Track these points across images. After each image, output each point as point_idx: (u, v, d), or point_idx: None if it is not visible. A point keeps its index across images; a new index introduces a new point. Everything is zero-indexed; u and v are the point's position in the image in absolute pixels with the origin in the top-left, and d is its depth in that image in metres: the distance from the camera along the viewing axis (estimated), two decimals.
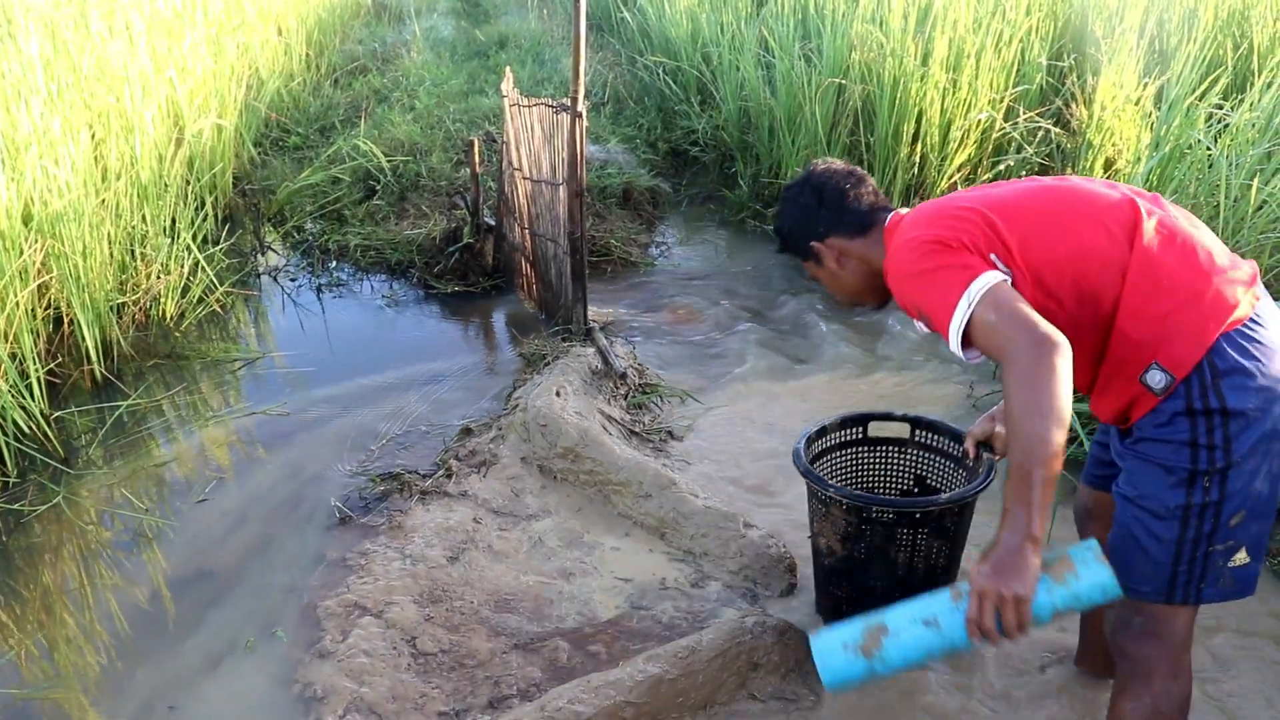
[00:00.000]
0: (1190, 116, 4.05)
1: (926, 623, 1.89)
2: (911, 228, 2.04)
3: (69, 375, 4.25)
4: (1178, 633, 1.95)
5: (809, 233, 2.30)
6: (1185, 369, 1.80)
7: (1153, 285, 1.82)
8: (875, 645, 1.91)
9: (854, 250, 2.26)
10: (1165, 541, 1.87)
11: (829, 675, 1.92)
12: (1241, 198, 3.56)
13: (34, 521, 3.40)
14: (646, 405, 4.11)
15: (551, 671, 2.69)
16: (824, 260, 2.31)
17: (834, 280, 2.35)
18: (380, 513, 3.39)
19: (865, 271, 2.28)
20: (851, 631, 1.94)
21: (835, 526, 2.66)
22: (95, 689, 2.69)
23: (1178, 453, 1.84)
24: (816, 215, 2.28)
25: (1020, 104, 5.52)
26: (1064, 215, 1.91)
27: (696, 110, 7.36)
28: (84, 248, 4.25)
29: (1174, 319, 1.81)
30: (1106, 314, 1.87)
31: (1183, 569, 1.88)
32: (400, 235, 5.79)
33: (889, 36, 5.51)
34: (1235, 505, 1.83)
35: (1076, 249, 1.87)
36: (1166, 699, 1.96)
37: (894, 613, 1.93)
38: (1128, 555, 1.93)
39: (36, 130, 4.33)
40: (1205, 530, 1.85)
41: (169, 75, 5.91)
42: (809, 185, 2.31)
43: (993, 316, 1.78)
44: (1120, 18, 5.62)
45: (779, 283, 5.47)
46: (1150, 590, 1.91)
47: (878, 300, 2.34)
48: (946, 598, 1.89)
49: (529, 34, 9.99)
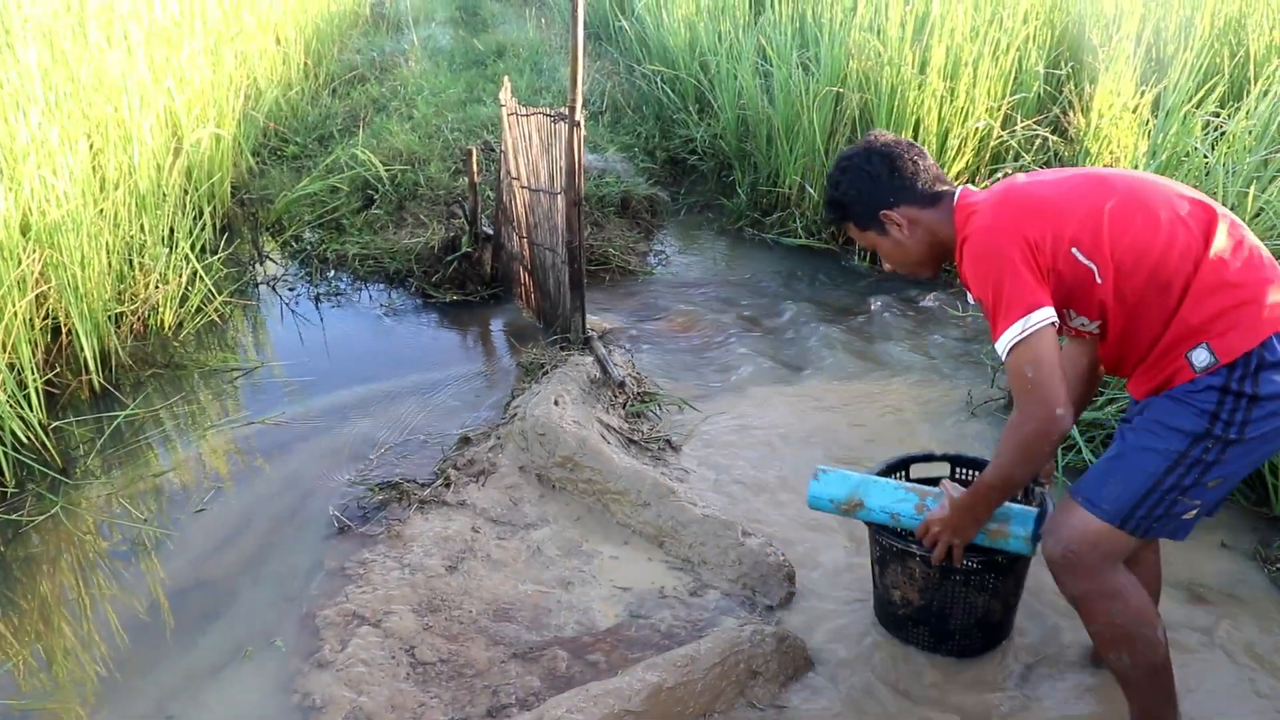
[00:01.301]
0: (1187, 124, 4.06)
1: (892, 515, 2.58)
2: (1002, 213, 2.15)
3: (67, 385, 4.25)
4: (1105, 560, 2.16)
5: (879, 201, 2.35)
6: (1233, 356, 1.99)
7: (1220, 280, 2.02)
8: (850, 510, 2.65)
9: (924, 220, 2.34)
10: (1147, 474, 2.09)
11: (811, 505, 2.71)
12: (1238, 205, 3.57)
13: (32, 531, 3.40)
14: (645, 414, 4.11)
15: (550, 680, 2.69)
16: (889, 229, 2.37)
17: (897, 248, 2.41)
18: (379, 522, 3.39)
19: (930, 242, 2.36)
20: (839, 493, 2.65)
21: (913, 580, 2.68)
22: (93, 700, 2.69)
23: (1198, 415, 2.03)
24: (889, 184, 2.33)
25: (1018, 112, 5.53)
26: (1157, 211, 2.07)
27: (694, 119, 7.37)
28: (82, 257, 4.25)
29: (1235, 312, 2.00)
30: (1174, 301, 2.05)
31: (1146, 505, 2.10)
32: (398, 244, 5.79)
33: (886, 45, 5.52)
34: (1220, 473, 2.06)
35: (1164, 243, 2.04)
36: (1122, 616, 2.18)
37: (872, 496, 2.61)
38: (1107, 474, 2.15)
39: (34, 140, 4.33)
40: (1186, 481, 2.06)
41: (167, 85, 5.91)
42: (878, 154, 2.35)
43: (1030, 372, 2.06)
44: (1117, 26, 5.64)
45: (777, 291, 5.47)
46: (1109, 510, 2.12)
47: (934, 271, 2.46)
48: (912, 507, 2.55)
49: (527, 43, 10.00)
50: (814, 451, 3.82)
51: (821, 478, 2.68)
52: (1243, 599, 2.97)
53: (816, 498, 2.69)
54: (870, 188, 2.35)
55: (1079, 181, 2.18)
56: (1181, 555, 3.16)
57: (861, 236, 2.45)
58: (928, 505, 2.53)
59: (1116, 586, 2.18)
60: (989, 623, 2.70)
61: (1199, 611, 2.92)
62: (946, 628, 2.71)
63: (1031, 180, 2.24)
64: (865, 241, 2.46)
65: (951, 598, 2.65)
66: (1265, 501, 3.35)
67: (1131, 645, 2.22)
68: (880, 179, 2.33)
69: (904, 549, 2.63)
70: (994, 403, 4.12)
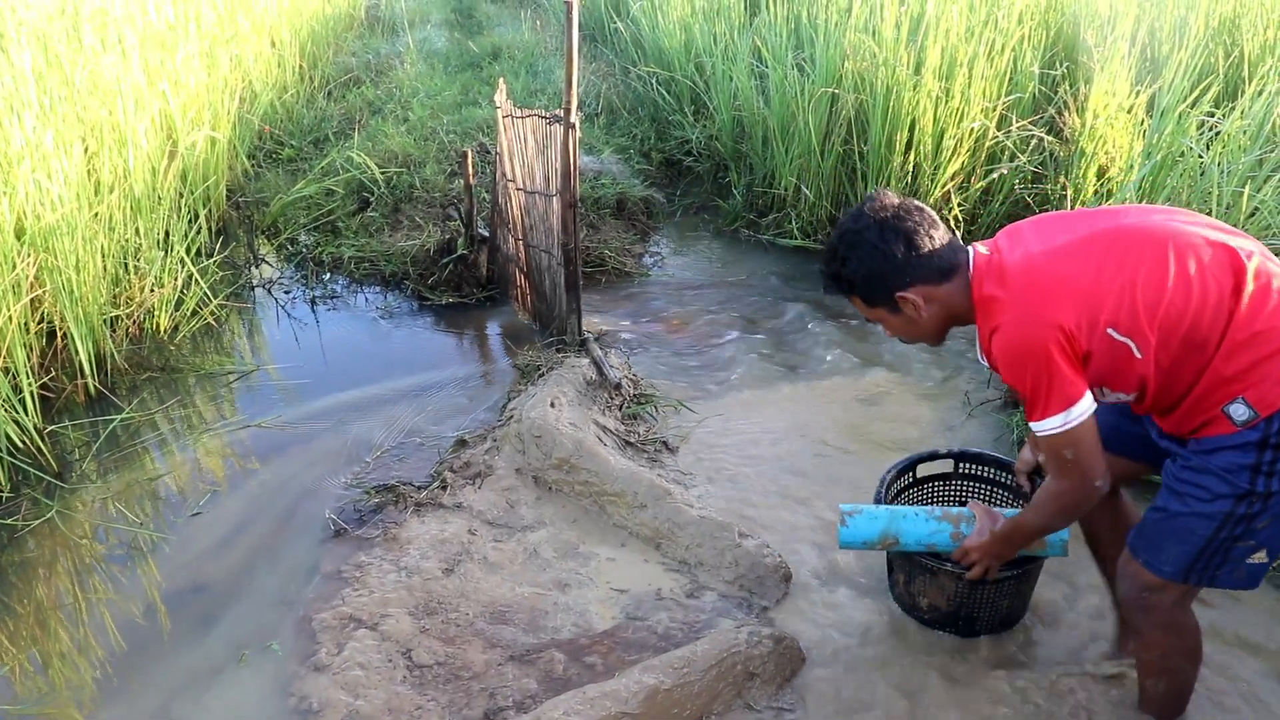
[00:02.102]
0: (1182, 124, 4.07)
1: (926, 546, 2.64)
2: (1032, 300, 2.06)
3: (62, 389, 4.24)
4: (1177, 602, 2.23)
5: (893, 281, 2.20)
6: (1272, 409, 1.98)
7: (1253, 333, 1.98)
8: (885, 547, 2.67)
9: (939, 297, 2.21)
10: (1198, 535, 2.11)
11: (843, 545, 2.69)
12: (1233, 205, 3.57)
13: (27, 536, 3.39)
14: (641, 415, 4.10)
15: (547, 683, 2.69)
16: (905, 309, 2.24)
17: (908, 326, 2.29)
18: (375, 525, 3.39)
19: (944, 317, 2.25)
20: (871, 534, 2.65)
21: (944, 590, 2.74)
22: (89, 704, 2.68)
23: (1238, 471, 2.03)
24: (905, 263, 2.18)
25: (1013, 112, 5.53)
26: (1187, 268, 2.00)
27: (690, 120, 7.36)
28: (77, 261, 4.24)
29: (1269, 362, 1.97)
30: (1209, 356, 2.01)
31: (1204, 560, 2.13)
32: (394, 247, 5.78)
33: (882, 46, 5.52)
34: (1267, 517, 2.05)
35: (1197, 303, 1.99)
36: (1176, 652, 2.33)
37: (906, 533, 2.63)
38: (1161, 538, 2.18)
39: (29, 144, 4.32)
40: (1236, 533, 2.08)
41: (162, 88, 5.90)
42: (891, 229, 2.18)
43: (1070, 455, 2.11)
44: (1112, 26, 5.64)
45: (773, 292, 5.47)
46: (1170, 571, 2.16)
47: (942, 340, 2.35)
48: (948, 537, 2.61)
49: (522, 45, 10.00)
50: (810, 451, 3.82)
51: (850, 522, 2.66)
52: (1242, 600, 2.97)
53: (849, 542, 2.68)
54: (884, 267, 2.19)
55: (1102, 248, 2.07)
56: None
57: (869, 312, 2.31)
58: (962, 532, 2.61)
59: (1184, 626, 2.30)
60: (1012, 618, 2.82)
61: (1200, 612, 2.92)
62: (973, 629, 2.80)
63: (1051, 252, 2.11)
64: (874, 317, 2.32)
65: (979, 604, 2.73)
66: None
67: (1173, 677, 2.41)
68: (895, 258, 2.17)
69: (938, 567, 2.67)
70: (990, 403, 4.12)
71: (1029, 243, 2.15)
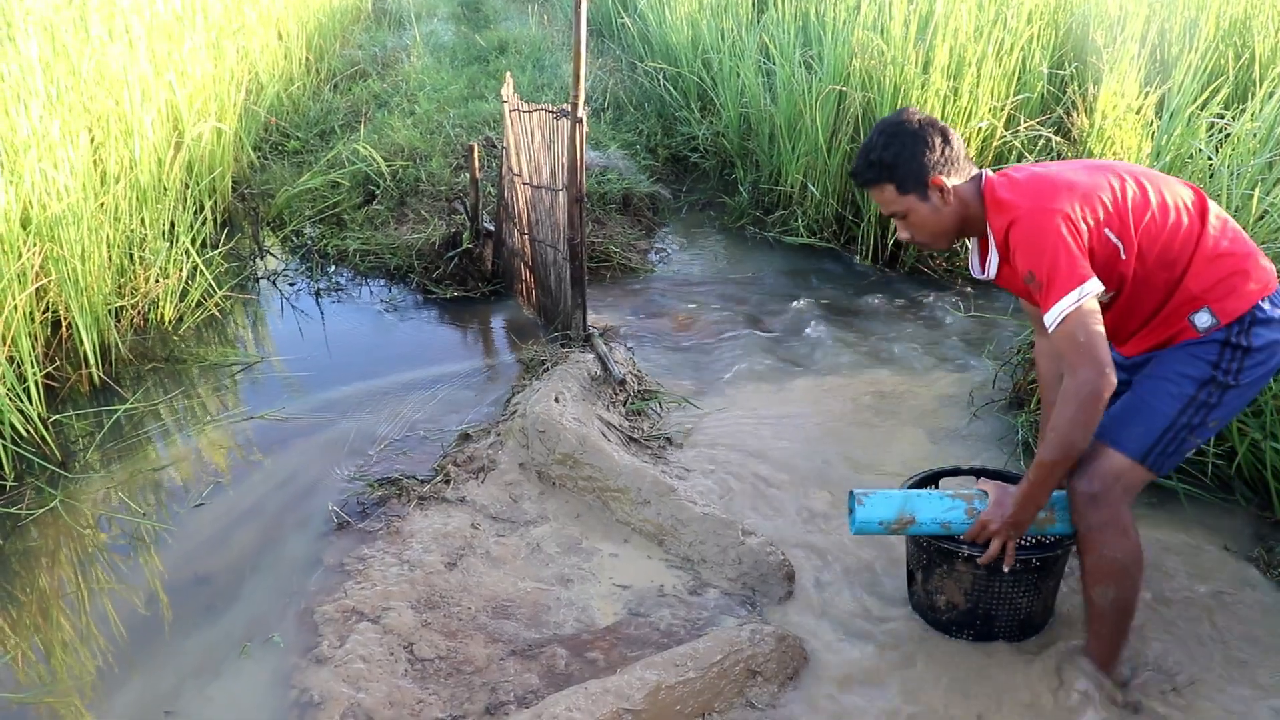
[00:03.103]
0: (1191, 126, 4.05)
1: (943, 525, 2.61)
2: (1043, 192, 2.37)
3: (67, 379, 4.24)
4: (1125, 495, 2.46)
5: (930, 167, 2.47)
6: (1232, 317, 2.37)
7: (1215, 254, 2.39)
8: (900, 528, 2.63)
9: (961, 193, 2.51)
10: (1164, 415, 2.42)
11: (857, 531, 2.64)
12: (1243, 207, 3.56)
13: (31, 525, 3.39)
14: (645, 411, 4.10)
15: (549, 678, 2.68)
16: (931, 196, 2.50)
17: (933, 215, 2.53)
18: (378, 518, 3.38)
19: (962, 214, 2.53)
20: (888, 514, 2.61)
21: (961, 582, 2.71)
22: (91, 694, 2.68)
23: (1200, 365, 2.41)
24: (940, 153, 2.47)
25: (1021, 112, 5.52)
26: (1165, 198, 2.41)
27: (697, 116, 7.36)
28: (82, 251, 4.24)
29: (1229, 280, 2.38)
30: (1178, 274, 2.40)
31: (1163, 443, 2.42)
32: (399, 240, 5.78)
33: (890, 44, 5.51)
34: (1219, 414, 2.43)
35: (1172, 226, 2.39)
36: (1122, 552, 2.47)
37: (921, 511, 2.61)
38: (1129, 417, 2.46)
39: (35, 133, 4.32)
40: (1194, 421, 2.42)
41: (168, 79, 5.90)
42: (929, 124, 2.48)
43: (1082, 336, 2.28)
44: (1121, 26, 5.63)
45: (778, 289, 5.46)
46: (1134, 448, 2.44)
47: (952, 243, 2.62)
48: (963, 513, 2.59)
49: (529, 39, 9.99)
50: (814, 449, 3.81)
51: (866, 501, 2.62)
52: (1244, 602, 2.96)
53: (865, 522, 2.62)
54: (924, 153, 2.46)
55: (1097, 169, 2.45)
56: (1184, 557, 3.16)
57: (897, 201, 2.53)
58: (976, 508, 2.61)
59: (1127, 522, 2.48)
60: (1031, 623, 2.77)
61: (1202, 611, 2.91)
62: (991, 629, 2.76)
63: (1056, 168, 2.47)
64: (899, 206, 2.53)
65: (998, 599, 2.69)
66: (1268, 506, 3.35)
67: (1119, 582, 2.50)
68: (934, 147, 2.46)
69: (953, 550, 2.66)
70: (995, 403, 4.11)
71: (1034, 168, 2.51)
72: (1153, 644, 2.79)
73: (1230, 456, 3.41)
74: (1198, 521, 3.34)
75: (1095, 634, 2.60)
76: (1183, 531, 3.30)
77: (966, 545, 2.64)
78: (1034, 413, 3.82)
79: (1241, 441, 3.32)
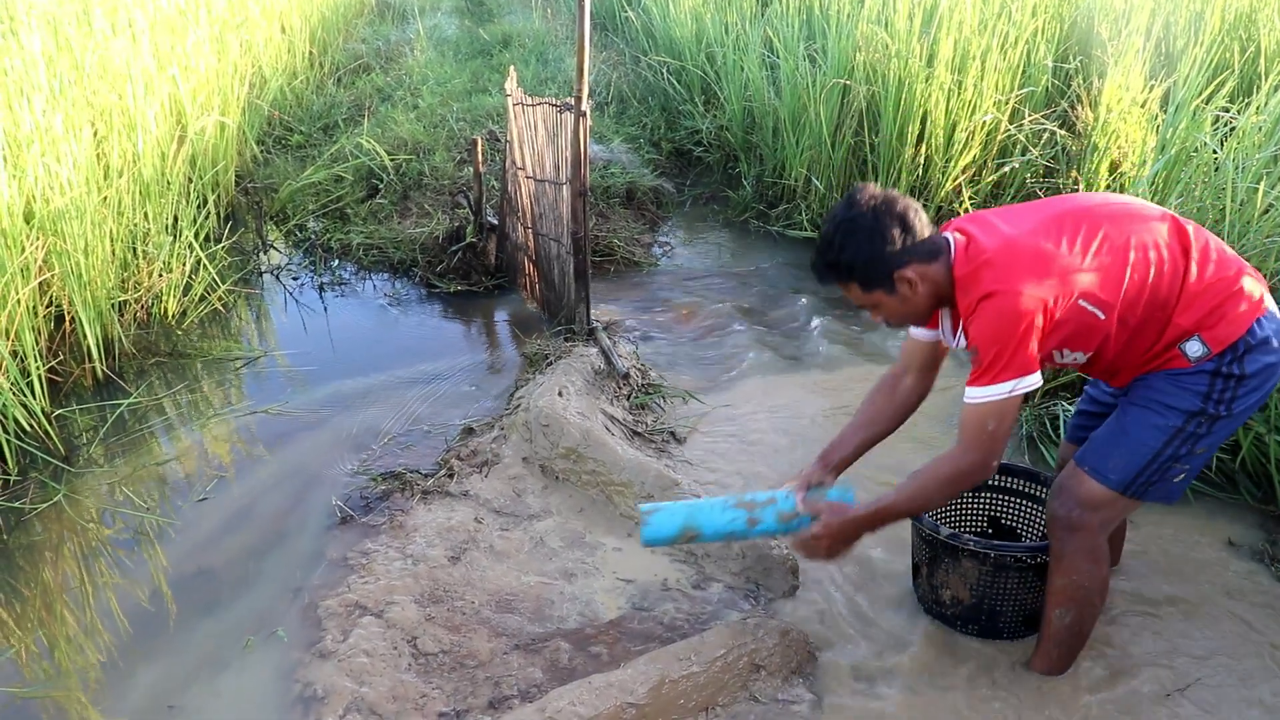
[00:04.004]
0: (1197, 119, 4.04)
1: (725, 536, 2.65)
2: (1018, 272, 2.22)
3: (70, 373, 4.24)
4: (1104, 523, 2.44)
5: (892, 261, 2.32)
6: (1223, 346, 2.25)
7: (1203, 286, 2.27)
8: (687, 540, 2.66)
9: (930, 275, 2.35)
10: (1148, 447, 2.34)
11: (645, 544, 2.66)
12: (1247, 201, 3.55)
13: (35, 519, 3.39)
14: (649, 405, 4.10)
15: (553, 672, 2.68)
16: (899, 288, 2.35)
17: (904, 305, 2.40)
18: (381, 512, 3.38)
19: (935, 295, 2.38)
20: (670, 530, 2.62)
21: (966, 578, 2.71)
22: (95, 687, 2.68)
23: (1189, 397, 2.30)
24: (901, 243, 2.31)
25: (1025, 106, 5.50)
26: (1145, 243, 2.27)
27: (700, 110, 7.34)
28: (86, 245, 4.24)
29: (1220, 308, 2.26)
30: (1169, 314, 2.28)
31: (1146, 473, 2.36)
32: (403, 234, 5.78)
33: (894, 37, 5.49)
34: (1208, 442, 2.34)
35: (1156, 271, 2.26)
36: (1090, 579, 2.47)
37: (704, 523, 2.62)
38: (1112, 446, 2.40)
39: (39, 127, 4.32)
40: (1181, 451, 2.33)
41: (172, 73, 5.90)
42: (883, 214, 2.31)
43: (991, 425, 2.26)
44: (1127, 20, 5.60)
45: (782, 283, 5.46)
46: (1115, 479, 2.38)
47: (927, 321, 2.51)
48: (743, 524, 2.61)
49: (533, 33, 9.98)
50: (817, 444, 3.79)
51: (651, 520, 2.63)
52: (1249, 597, 2.96)
53: (651, 540, 2.65)
54: (883, 248, 2.30)
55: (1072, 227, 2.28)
56: (1188, 551, 3.16)
57: (865, 298, 2.41)
58: (758, 518, 2.62)
59: (1101, 552, 2.46)
60: (1034, 619, 2.74)
61: (1207, 605, 2.91)
62: (995, 626, 2.76)
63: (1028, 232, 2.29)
64: (868, 301, 2.42)
65: (1004, 595, 2.69)
66: (1272, 500, 3.34)
67: (1081, 607, 2.51)
68: (892, 240, 2.30)
69: (958, 546, 2.65)
70: None
71: (1002, 228, 2.33)
72: (1156, 642, 2.78)
73: (1235, 451, 3.40)
74: (1202, 516, 3.34)
75: (1044, 652, 2.62)
76: (1186, 526, 3.29)
77: (973, 541, 2.63)
78: (1036, 406, 3.82)
79: (1246, 436, 3.31)
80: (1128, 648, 2.75)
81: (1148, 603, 2.93)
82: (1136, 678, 2.64)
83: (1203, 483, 3.42)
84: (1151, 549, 3.17)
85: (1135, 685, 2.62)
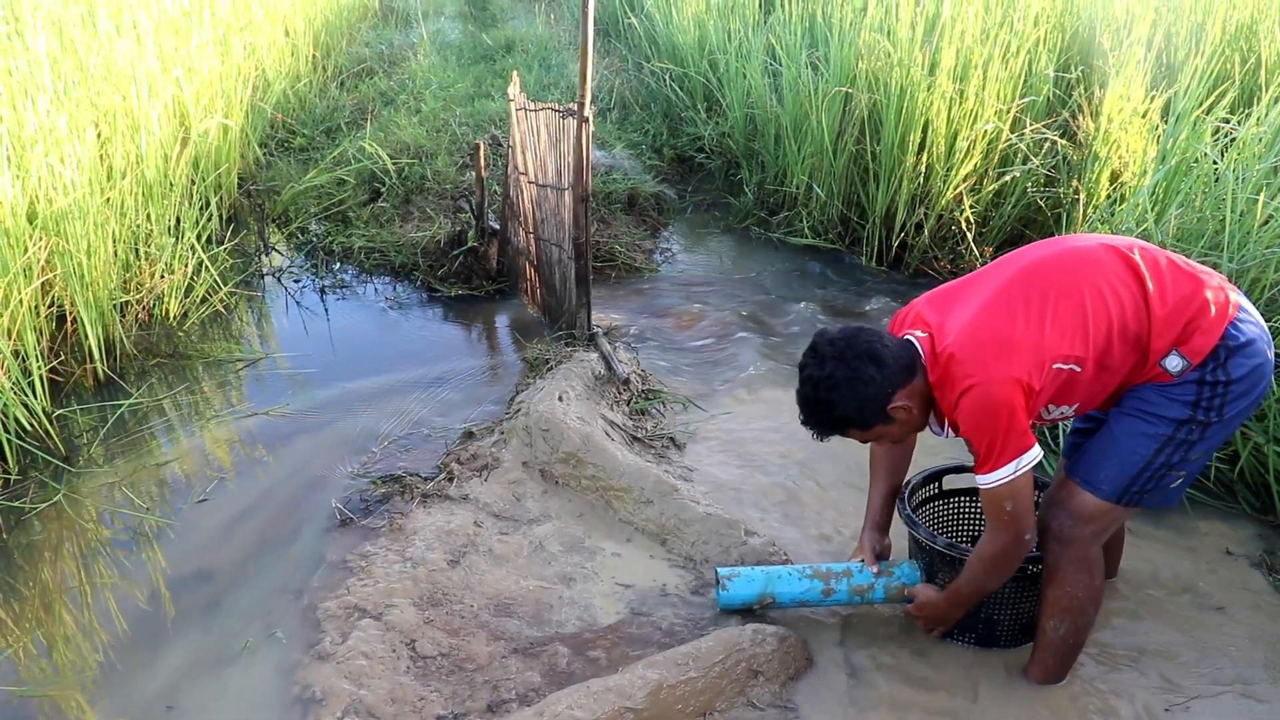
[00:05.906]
0: (1197, 130, 4.05)
1: (799, 603, 2.82)
2: (988, 361, 2.26)
3: (71, 373, 4.25)
4: (1096, 534, 2.46)
5: (880, 399, 2.38)
6: (1202, 355, 2.26)
7: (1168, 308, 2.27)
8: (763, 606, 2.84)
9: (916, 391, 2.41)
10: (1139, 456, 2.36)
11: (723, 608, 2.87)
12: (1247, 212, 3.56)
13: (34, 519, 3.40)
14: (649, 411, 4.10)
15: (551, 676, 2.69)
16: (898, 415, 2.42)
17: (904, 427, 2.48)
18: (381, 515, 3.39)
19: (926, 404, 2.45)
20: (749, 595, 2.80)
21: None
22: (93, 688, 2.69)
23: (1177, 407, 2.31)
24: (881, 379, 2.36)
25: (1027, 115, 5.51)
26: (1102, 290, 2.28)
27: (703, 117, 7.36)
28: (88, 246, 4.25)
29: (1193, 322, 2.26)
30: (1144, 343, 2.29)
31: (1139, 481, 2.38)
32: (404, 238, 5.78)
33: (896, 46, 5.51)
34: (1202, 448, 2.34)
35: (1118, 313, 2.27)
36: (1084, 590, 2.49)
37: (782, 593, 2.80)
38: (1102, 457, 2.41)
39: (42, 128, 4.33)
40: (1174, 459, 2.34)
41: (176, 75, 5.91)
42: (857, 357, 2.36)
43: (1010, 506, 2.32)
44: (1128, 30, 5.62)
45: (783, 290, 5.46)
46: (1107, 489, 2.41)
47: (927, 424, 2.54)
48: (819, 594, 2.79)
49: (536, 39, 9.99)
50: (817, 450, 3.81)
51: (729, 585, 2.81)
52: (1246, 606, 2.96)
53: (729, 603, 2.85)
54: (867, 392, 2.36)
55: (1023, 295, 2.30)
56: (1187, 561, 3.16)
57: (868, 436, 2.49)
58: (833, 588, 2.80)
59: (1094, 563, 2.48)
60: (1030, 628, 2.73)
61: (1206, 615, 2.91)
62: (993, 635, 2.77)
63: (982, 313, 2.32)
64: (871, 437, 2.49)
65: (1001, 604, 2.70)
66: (1270, 509, 3.34)
67: (1075, 619, 2.53)
68: (874, 380, 2.35)
69: (957, 557, 2.64)
70: None
71: (957, 312, 2.39)
72: (1156, 654, 2.79)
73: (1233, 460, 3.41)
74: (1200, 526, 3.34)
75: (1039, 661, 2.64)
76: (1185, 536, 3.29)
77: (970, 550, 2.63)
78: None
79: (1244, 445, 3.32)
80: (1124, 657, 2.76)
81: (1145, 613, 2.93)
82: (1133, 688, 2.65)
83: (1201, 492, 3.42)
84: (1149, 559, 3.17)
85: (1132, 695, 2.62)
